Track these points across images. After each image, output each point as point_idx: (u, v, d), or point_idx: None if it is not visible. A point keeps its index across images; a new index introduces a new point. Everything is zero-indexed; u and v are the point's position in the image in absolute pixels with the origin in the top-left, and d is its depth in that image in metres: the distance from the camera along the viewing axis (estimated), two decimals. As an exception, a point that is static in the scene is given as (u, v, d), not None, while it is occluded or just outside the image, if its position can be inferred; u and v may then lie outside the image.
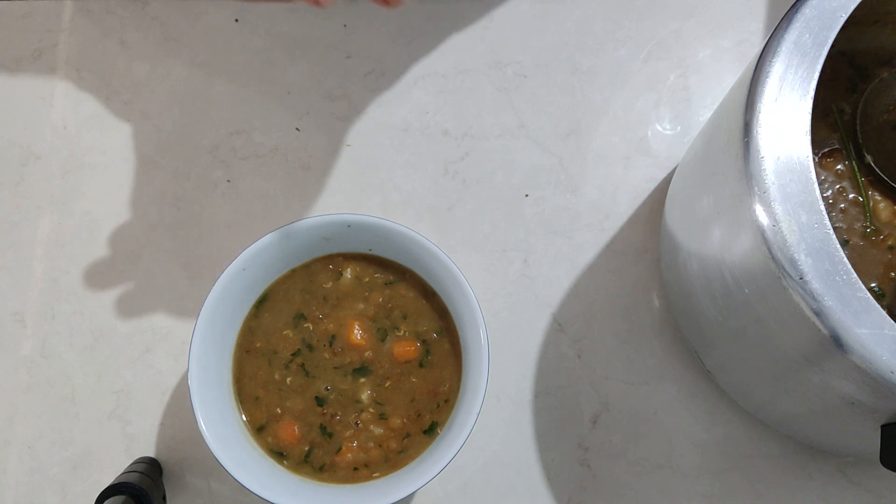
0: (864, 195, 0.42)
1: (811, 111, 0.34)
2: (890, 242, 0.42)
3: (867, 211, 0.42)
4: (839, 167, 0.43)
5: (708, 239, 0.41)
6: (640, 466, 0.50)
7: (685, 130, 0.56)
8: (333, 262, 0.48)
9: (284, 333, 0.47)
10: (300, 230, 0.45)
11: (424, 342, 0.47)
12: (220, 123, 0.56)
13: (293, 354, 0.47)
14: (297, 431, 0.46)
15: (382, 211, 0.55)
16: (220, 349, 0.46)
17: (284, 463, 0.45)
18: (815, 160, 0.36)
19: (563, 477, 0.50)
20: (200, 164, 0.55)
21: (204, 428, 0.42)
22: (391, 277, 0.48)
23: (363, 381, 0.46)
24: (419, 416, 0.46)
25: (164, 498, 0.48)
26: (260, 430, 0.46)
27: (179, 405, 0.52)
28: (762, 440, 0.50)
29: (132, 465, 0.49)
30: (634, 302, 0.53)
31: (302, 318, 0.47)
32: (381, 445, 0.45)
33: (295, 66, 0.57)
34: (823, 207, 0.33)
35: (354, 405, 0.46)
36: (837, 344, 0.32)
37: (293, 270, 0.48)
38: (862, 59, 0.45)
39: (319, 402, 0.46)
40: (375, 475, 0.45)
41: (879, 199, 0.42)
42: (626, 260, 0.54)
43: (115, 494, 0.44)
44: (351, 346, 0.47)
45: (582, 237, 0.54)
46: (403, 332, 0.47)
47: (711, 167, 0.40)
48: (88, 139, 0.56)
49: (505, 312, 0.53)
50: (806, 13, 0.35)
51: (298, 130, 0.56)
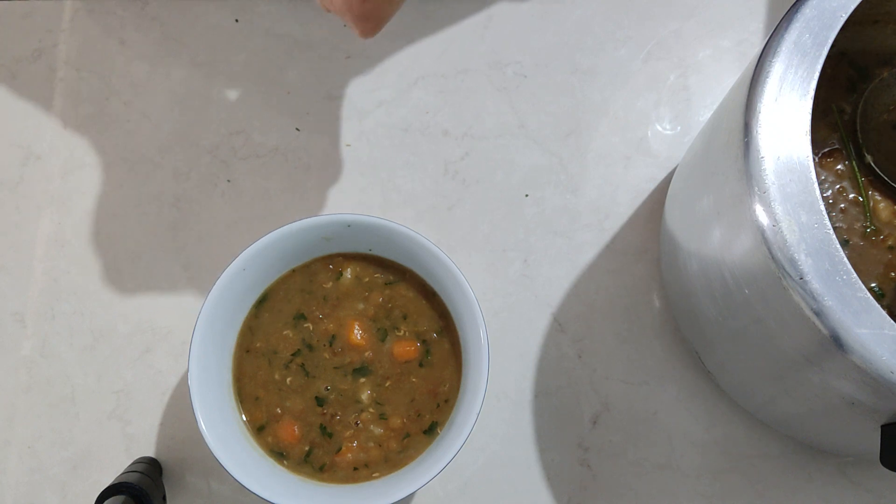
0: (864, 195, 0.42)
1: (811, 111, 0.34)
2: (890, 242, 0.42)
3: (867, 211, 0.42)
4: (839, 167, 0.43)
5: (708, 239, 0.41)
6: (640, 466, 0.50)
7: (685, 130, 0.56)
8: (333, 262, 0.48)
9: (284, 333, 0.47)
10: (300, 230, 0.45)
11: (424, 342, 0.47)
12: (220, 123, 0.56)
13: (293, 354, 0.47)
14: (297, 431, 0.46)
15: (382, 211, 0.55)
16: (220, 349, 0.46)
17: (284, 463, 0.45)
18: (815, 160, 0.36)
19: (563, 477, 0.50)
20: (200, 164, 0.55)
21: (204, 428, 0.42)
22: (391, 277, 0.48)
23: (363, 381, 0.46)
24: (419, 416, 0.46)
25: (164, 498, 0.48)
26: (260, 430, 0.46)
27: (179, 405, 0.52)
28: (762, 440, 0.50)
29: (132, 465, 0.49)
30: (634, 302, 0.53)
31: (302, 318, 0.47)
32: (381, 445, 0.45)
33: (295, 66, 0.57)
34: (823, 207, 0.33)
35: (354, 405, 0.46)
36: (837, 344, 0.32)
37: (293, 270, 0.48)
38: (862, 59, 0.45)
39: (319, 402, 0.46)
40: (375, 475, 0.45)
41: (879, 199, 0.42)
42: (626, 260, 0.54)
43: (115, 494, 0.44)
44: (351, 346, 0.47)
45: (582, 237, 0.54)
46: (403, 332, 0.47)
47: (711, 167, 0.40)
48: (88, 139, 0.56)
49: (505, 312, 0.53)
50: (806, 13, 0.35)
51: (298, 130, 0.56)
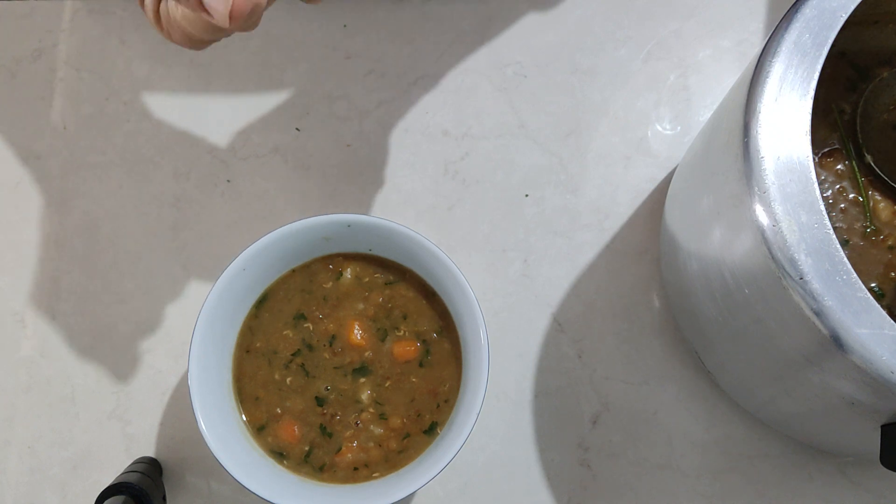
0: (864, 195, 0.42)
1: (811, 111, 0.34)
2: (890, 242, 0.42)
3: (867, 211, 0.42)
4: (839, 167, 0.43)
5: (708, 239, 0.41)
6: (640, 466, 0.50)
7: (685, 130, 0.56)
8: (333, 262, 0.48)
9: (284, 333, 0.47)
10: (300, 230, 0.45)
11: (424, 342, 0.47)
12: (219, 123, 0.56)
13: (293, 354, 0.47)
14: (297, 431, 0.46)
15: (382, 211, 0.55)
16: (220, 349, 0.46)
17: (284, 463, 0.45)
18: (815, 160, 0.36)
19: (563, 477, 0.50)
20: (200, 164, 0.55)
21: (204, 428, 0.42)
22: (391, 277, 0.48)
23: (363, 381, 0.46)
24: (419, 416, 0.46)
25: (164, 498, 0.48)
26: (260, 430, 0.46)
27: (179, 405, 0.52)
28: (762, 440, 0.50)
29: (132, 465, 0.49)
30: (634, 302, 0.53)
31: (302, 318, 0.47)
32: (381, 445, 0.45)
33: (295, 66, 0.57)
34: (823, 207, 0.33)
35: (354, 405, 0.46)
36: (837, 344, 0.32)
37: (293, 270, 0.48)
38: (862, 59, 0.45)
39: (319, 402, 0.46)
40: (375, 475, 0.45)
41: (879, 199, 0.42)
42: (626, 260, 0.54)
43: (115, 494, 0.44)
44: (351, 346, 0.47)
45: (582, 237, 0.54)
46: (403, 332, 0.47)
47: (711, 167, 0.40)
48: (88, 139, 0.56)
49: (505, 312, 0.53)
50: (806, 13, 0.35)
51: (298, 130, 0.56)
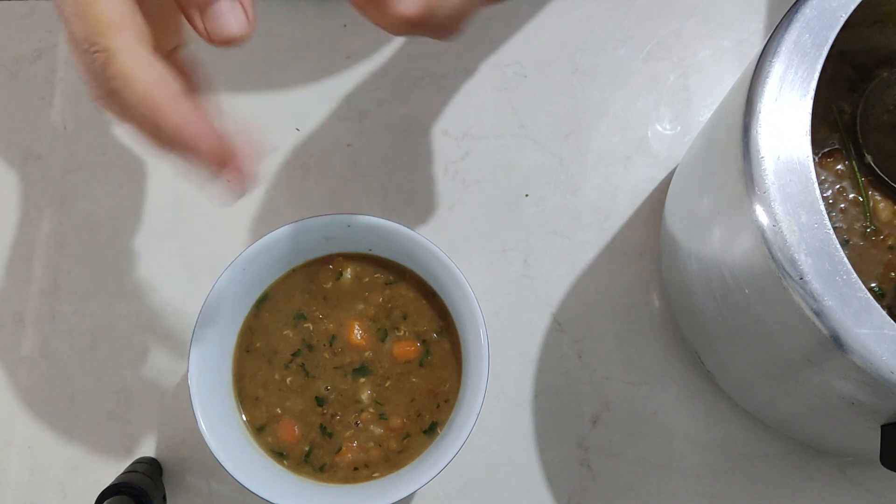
0: (864, 195, 0.42)
1: (811, 111, 0.34)
2: (890, 242, 0.42)
3: (867, 211, 0.42)
4: (839, 167, 0.43)
5: (708, 239, 0.41)
6: (640, 466, 0.50)
7: (685, 130, 0.56)
8: (333, 262, 0.48)
9: (284, 333, 0.47)
10: (300, 230, 0.45)
11: (424, 342, 0.47)
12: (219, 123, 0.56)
13: (293, 354, 0.47)
14: (297, 431, 0.46)
15: (382, 211, 0.54)
16: (220, 349, 0.46)
17: (284, 463, 0.45)
18: (815, 160, 0.36)
19: (563, 477, 0.50)
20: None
21: (204, 428, 0.42)
22: (391, 277, 0.48)
23: (363, 381, 0.46)
24: (419, 416, 0.46)
25: (164, 498, 0.48)
26: (260, 430, 0.46)
27: (179, 405, 0.52)
28: (762, 440, 0.50)
29: (132, 465, 0.49)
30: (634, 302, 0.53)
31: (302, 318, 0.47)
32: (381, 445, 0.45)
33: (295, 66, 0.57)
34: (823, 207, 0.33)
35: (354, 405, 0.46)
36: (837, 344, 0.32)
37: (293, 270, 0.48)
38: (862, 59, 0.45)
39: (319, 402, 0.46)
40: (375, 475, 0.45)
41: (879, 199, 0.42)
42: (626, 260, 0.54)
43: (115, 494, 0.44)
44: (351, 346, 0.47)
45: (582, 237, 0.54)
46: (403, 332, 0.47)
47: (711, 167, 0.40)
48: (88, 139, 0.56)
49: (505, 312, 0.53)
50: (806, 13, 0.35)
51: (298, 130, 0.56)
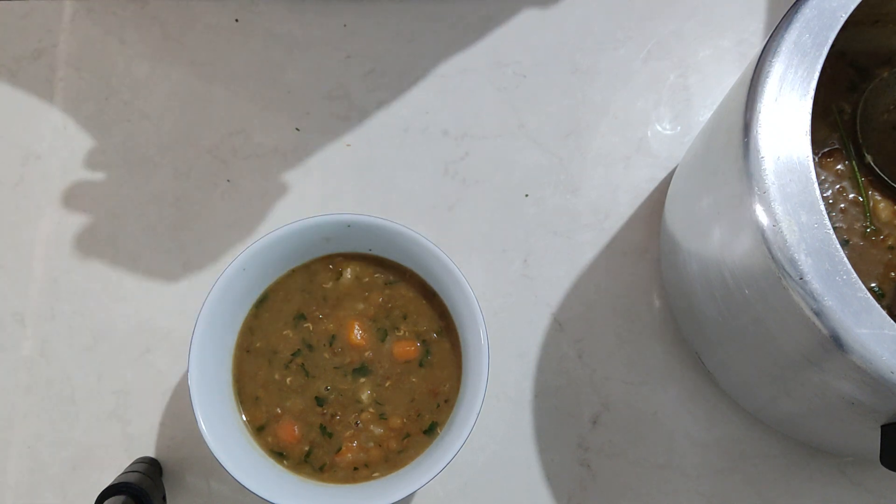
0: (864, 195, 0.42)
1: (811, 111, 0.34)
2: (890, 242, 0.42)
3: (867, 211, 0.42)
4: (839, 167, 0.43)
5: (708, 239, 0.41)
6: (640, 466, 0.50)
7: (685, 130, 0.56)
8: (333, 262, 0.48)
9: (284, 333, 0.47)
10: (300, 230, 0.45)
11: (424, 342, 0.47)
12: (220, 123, 0.56)
13: (293, 354, 0.47)
14: (297, 431, 0.46)
15: (382, 211, 0.54)
16: (220, 349, 0.46)
17: (284, 463, 0.45)
18: (815, 160, 0.36)
19: (563, 477, 0.50)
20: (200, 164, 0.55)
21: (204, 428, 0.42)
22: (391, 277, 0.48)
23: (363, 381, 0.46)
24: (419, 416, 0.46)
25: (164, 498, 0.48)
26: (260, 430, 0.46)
27: (179, 405, 0.52)
28: (762, 440, 0.50)
29: (132, 465, 0.49)
30: (634, 302, 0.53)
31: (302, 318, 0.47)
32: (381, 445, 0.45)
33: (295, 66, 0.57)
34: (823, 207, 0.33)
35: (354, 405, 0.46)
36: (837, 344, 0.32)
37: (293, 270, 0.48)
38: (862, 59, 0.45)
39: (319, 402, 0.46)
40: (375, 475, 0.45)
41: (879, 199, 0.42)
42: (626, 260, 0.54)
43: (115, 494, 0.44)
44: (351, 346, 0.47)
45: (582, 237, 0.54)
46: (403, 332, 0.47)
47: (711, 167, 0.40)
48: (88, 139, 0.56)
49: (505, 312, 0.53)
50: (806, 13, 0.35)
51: (298, 130, 0.56)
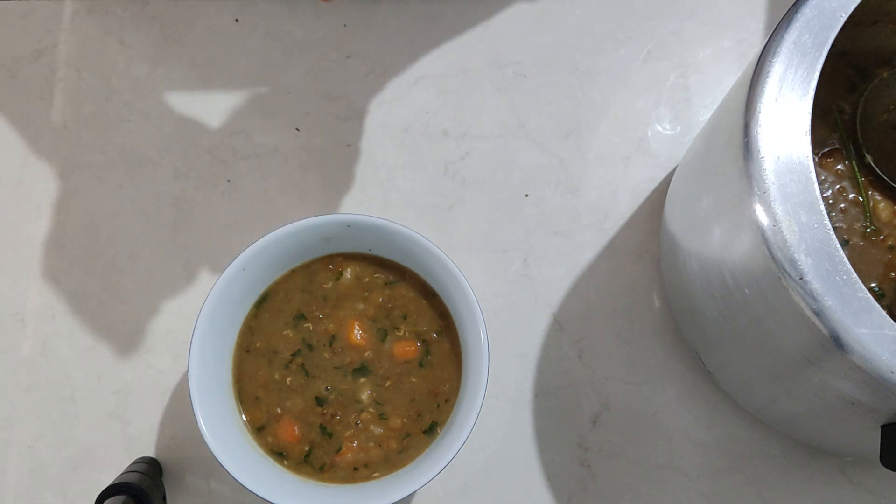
0: (864, 195, 0.42)
1: (811, 111, 0.34)
2: (890, 242, 0.42)
3: (867, 211, 0.42)
4: (839, 167, 0.43)
5: (708, 239, 0.41)
6: (640, 466, 0.50)
7: (685, 130, 0.56)
8: (333, 262, 0.48)
9: (284, 333, 0.47)
10: (300, 230, 0.45)
11: (424, 342, 0.47)
12: (220, 123, 0.56)
13: (293, 354, 0.47)
14: (297, 431, 0.46)
15: (382, 211, 0.55)
16: (220, 349, 0.46)
17: (284, 463, 0.45)
18: (815, 160, 0.36)
19: (563, 477, 0.50)
20: (200, 164, 0.55)
21: (204, 428, 0.42)
22: (391, 277, 0.48)
23: (363, 381, 0.46)
24: (419, 416, 0.46)
25: (164, 498, 0.48)
26: (260, 430, 0.46)
27: (179, 405, 0.52)
28: (762, 440, 0.50)
29: (132, 465, 0.49)
30: (634, 302, 0.53)
31: (302, 318, 0.47)
32: (381, 445, 0.45)
33: (295, 66, 0.57)
34: (823, 207, 0.33)
35: (354, 405, 0.46)
36: (837, 344, 0.32)
37: (293, 270, 0.48)
38: (862, 59, 0.45)
39: (319, 402, 0.46)
40: (375, 475, 0.45)
41: (879, 199, 0.42)
42: (626, 260, 0.54)
43: (115, 494, 0.44)
44: (351, 346, 0.47)
45: (582, 237, 0.54)
46: (403, 332, 0.47)
47: (711, 167, 0.40)
48: (88, 139, 0.56)
49: (505, 312, 0.53)
50: (806, 13, 0.35)
51: (298, 130, 0.56)
